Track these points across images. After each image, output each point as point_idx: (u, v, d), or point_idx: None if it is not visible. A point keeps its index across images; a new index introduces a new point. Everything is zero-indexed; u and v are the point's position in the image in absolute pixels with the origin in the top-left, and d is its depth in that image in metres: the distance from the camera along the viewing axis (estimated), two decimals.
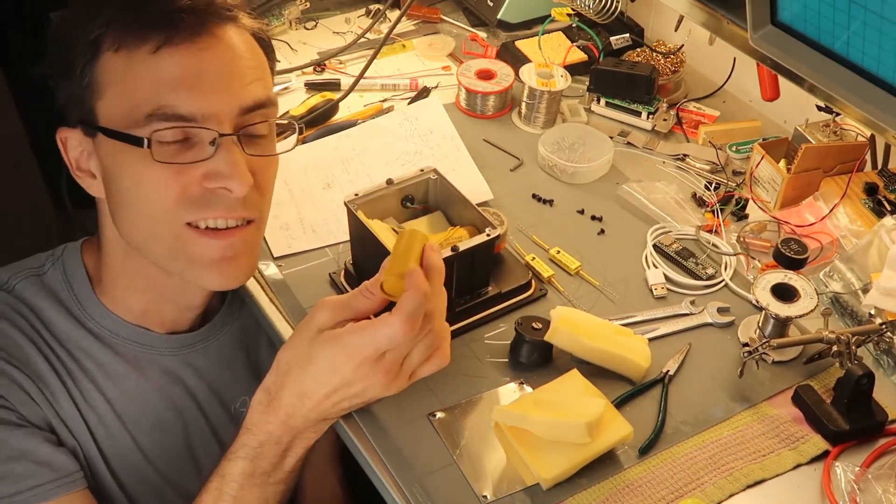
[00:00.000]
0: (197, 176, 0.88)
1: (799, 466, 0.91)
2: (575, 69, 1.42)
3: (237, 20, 0.91)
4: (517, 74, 1.38)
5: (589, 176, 1.28)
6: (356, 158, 1.29)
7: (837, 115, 1.20)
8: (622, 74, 1.36)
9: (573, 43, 1.49)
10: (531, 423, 0.88)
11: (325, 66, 1.50)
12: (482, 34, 1.59)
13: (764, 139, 1.27)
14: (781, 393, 0.98)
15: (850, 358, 0.95)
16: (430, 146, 1.31)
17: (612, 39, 1.50)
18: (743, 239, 1.17)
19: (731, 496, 0.88)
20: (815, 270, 1.10)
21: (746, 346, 0.98)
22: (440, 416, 0.95)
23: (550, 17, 1.40)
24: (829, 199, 1.16)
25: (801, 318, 0.98)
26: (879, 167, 1.22)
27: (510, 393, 0.98)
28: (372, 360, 0.81)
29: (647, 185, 1.26)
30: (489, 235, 1.00)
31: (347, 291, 1.01)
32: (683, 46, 1.45)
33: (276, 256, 1.13)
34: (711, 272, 1.13)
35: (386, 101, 1.43)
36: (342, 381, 0.83)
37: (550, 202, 1.24)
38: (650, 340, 1.02)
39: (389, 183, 1.08)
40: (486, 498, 0.87)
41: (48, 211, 1.87)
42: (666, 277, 1.12)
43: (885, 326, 0.98)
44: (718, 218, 1.20)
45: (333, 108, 1.39)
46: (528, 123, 1.38)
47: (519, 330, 0.99)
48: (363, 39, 1.53)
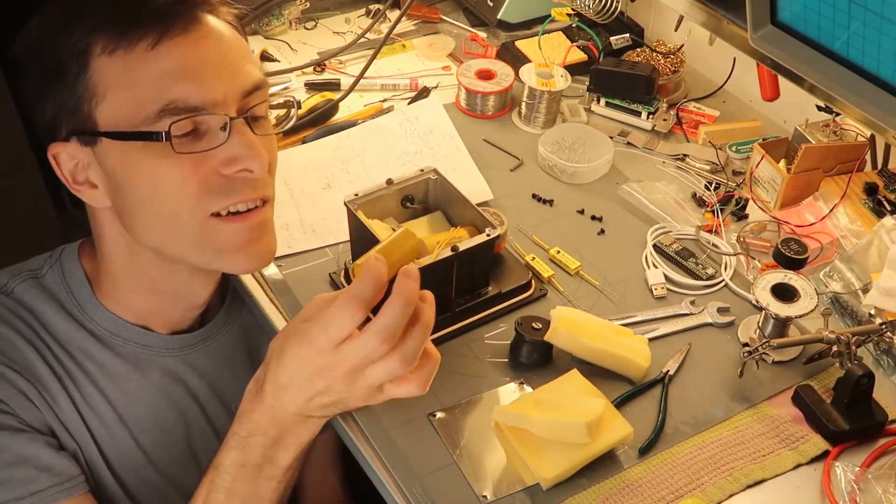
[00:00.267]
0: (213, 165, 0.88)
1: (799, 466, 0.91)
2: (575, 69, 1.42)
3: (219, 10, 0.92)
4: (517, 74, 1.38)
5: (589, 176, 1.28)
6: (356, 158, 1.29)
7: (837, 115, 1.20)
8: (622, 74, 1.36)
9: (573, 43, 1.49)
10: (531, 423, 0.88)
11: (325, 66, 1.50)
12: (482, 34, 1.59)
13: (764, 139, 1.27)
14: (781, 393, 0.98)
15: (850, 358, 0.95)
16: (430, 146, 1.31)
17: (612, 39, 1.50)
18: (743, 239, 1.17)
19: (731, 496, 0.88)
20: (815, 270, 1.10)
21: (746, 346, 0.98)
22: (440, 416, 0.95)
23: (550, 17, 1.40)
24: (829, 199, 1.16)
25: (801, 318, 0.98)
26: (879, 167, 1.22)
27: (510, 393, 0.98)
28: (328, 350, 0.79)
29: (647, 185, 1.26)
30: (489, 235, 1.00)
31: None
32: (683, 46, 1.45)
33: (276, 256, 1.13)
34: (711, 272, 1.13)
35: (386, 101, 1.43)
36: (307, 374, 0.81)
37: (550, 202, 1.24)
38: (650, 340, 1.02)
39: (389, 183, 1.08)
40: (486, 498, 0.88)
41: (48, 211, 1.87)
42: (666, 277, 1.12)
43: (885, 326, 0.98)
44: (718, 218, 1.20)
45: (333, 108, 1.39)
46: (528, 123, 1.38)
47: (519, 330, 0.99)
48: (363, 39, 1.53)
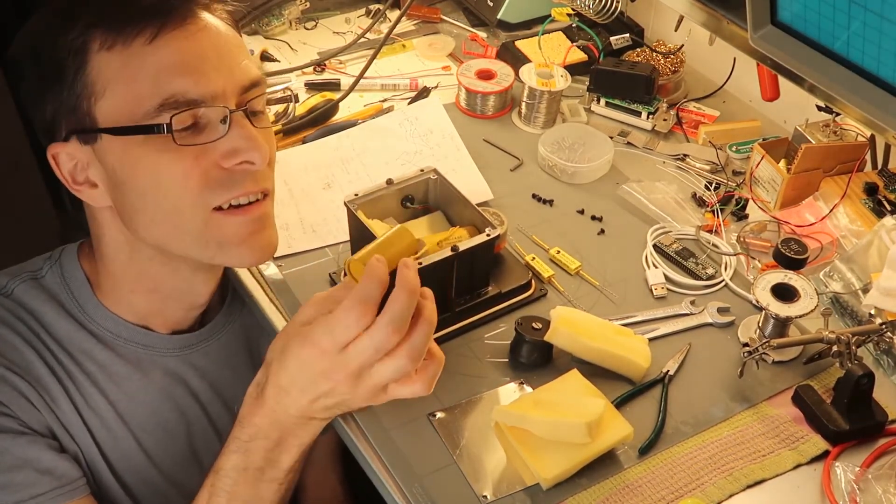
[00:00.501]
0: (214, 159, 0.88)
1: (799, 466, 0.91)
2: (575, 69, 1.42)
3: (211, 6, 0.92)
4: (517, 74, 1.38)
5: (589, 176, 1.28)
6: (356, 158, 1.29)
7: (837, 115, 1.20)
8: (622, 74, 1.36)
9: (573, 43, 1.49)
10: (531, 423, 0.88)
11: (325, 66, 1.50)
12: (482, 34, 1.59)
13: (764, 139, 1.27)
14: (781, 393, 0.98)
15: (850, 358, 0.95)
16: (430, 146, 1.31)
17: (612, 39, 1.50)
18: (743, 239, 1.17)
19: (731, 496, 0.88)
20: (815, 270, 1.10)
21: (746, 346, 0.98)
22: (440, 416, 0.95)
23: (550, 17, 1.40)
24: (829, 199, 1.16)
25: (801, 318, 0.98)
26: (879, 167, 1.22)
27: (510, 393, 0.98)
28: (332, 353, 0.80)
29: (647, 185, 1.26)
30: (489, 235, 1.00)
31: None
32: (683, 46, 1.45)
33: (276, 256, 1.13)
34: (711, 272, 1.13)
35: (386, 101, 1.43)
36: (310, 377, 0.82)
37: (550, 202, 1.24)
38: (650, 340, 1.02)
39: (389, 183, 1.08)
40: (486, 498, 0.88)
41: (48, 211, 1.87)
42: (666, 277, 1.12)
43: (885, 326, 0.98)
44: (718, 218, 1.20)
45: (333, 108, 1.38)
46: (528, 123, 1.38)
47: (519, 330, 0.99)
48: (363, 39, 1.53)
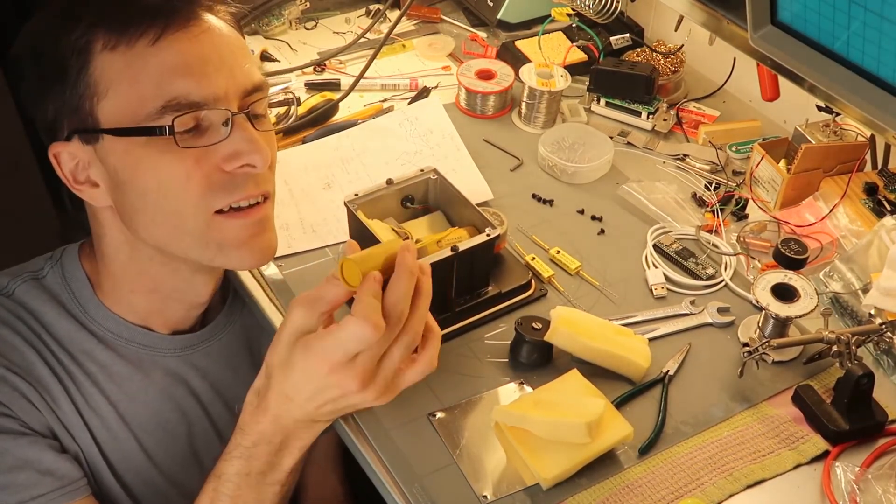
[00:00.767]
0: (216, 162, 0.88)
1: (799, 466, 0.91)
2: (575, 69, 1.42)
3: (219, 9, 0.92)
4: (517, 74, 1.38)
5: (589, 176, 1.28)
6: (356, 158, 1.29)
7: (837, 115, 1.20)
8: (622, 74, 1.36)
9: (573, 43, 1.49)
10: (531, 423, 0.88)
11: (325, 66, 1.50)
12: (482, 34, 1.59)
13: (764, 139, 1.27)
14: (781, 393, 0.98)
15: (850, 358, 0.95)
16: (430, 146, 1.31)
17: (612, 39, 1.50)
18: (743, 239, 1.17)
19: (731, 496, 0.88)
20: (815, 270, 1.10)
21: (746, 346, 0.98)
22: (440, 416, 0.95)
23: (550, 17, 1.40)
24: (829, 199, 1.16)
25: (801, 318, 0.98)
26: (879, 167, 1.22)
27: (510, 393, 0.98)
28: (343, 364, 0.81)
29: (647, 185, 1.26)
30: (489, 235, 1.00)
31: None
32: (683, 46, 1.45)
33: (276, 256, 1.13)
34: (711, 272, 1.13)
35: (386, 101, 1.43)
36: (318, 387, 0.82)
37: (550, 202, 1.24)
38: (650, 340, 1.02)
39: (389, 183, 1.08)
40: (486, 498, 0.87)
41: (48, 211, 1.87)
42: (666, 277, 1.12)
43: (885, 326, 0.98)
44: (718, 218, 1.20)
45: (333, 108, 1.38)
46: (528, 123, 1.38)
47: (519, 330, 0.99)
48: (363, 39, 1.53)
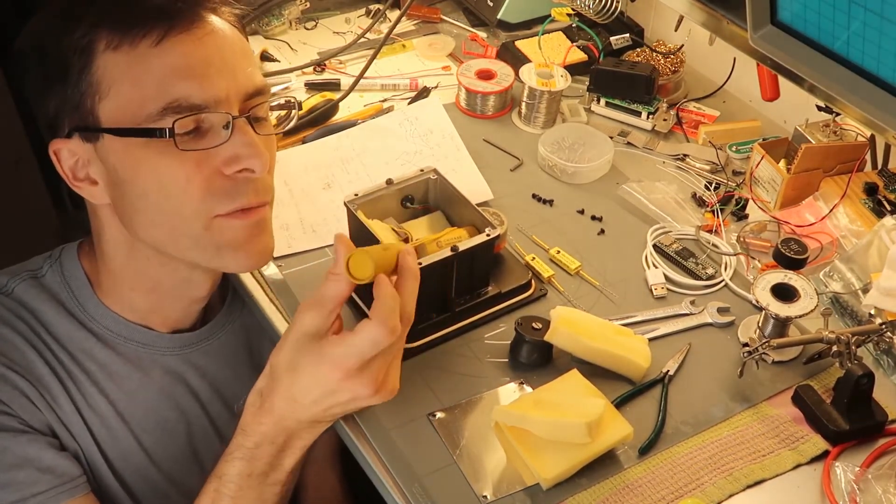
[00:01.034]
0: (217, 166, 0.88)
1: (799, 466, 0.91)
2: (575, 69, 1.42)
3: (223, 10, 0.92)
4: (517, 74, 1.38)
5: (589, 176, 1.28)
6: (356, 158, 1.29)
7: (837, 115, 1.20)
8: (622, 74, 1.36)
9: (573, 43, 1.49)
10: (531, 423, 0.88)
11: (325, 66, 1.50)
12: (482, 34, 1.59)
13: (764, 139, 1.27)
14: (781, 393, 0.98)
15: (850, 358, 0.95)
16: (430, 146, 1.31)
17: (612, 39, 1.50)
18: (743, 239, 1.17)
19: (731, 496, 0.88)
20: (815, 270, 1.10)
21: (746, 346, 0.98)
22: (440, 416, 0.95)
23: (550, 17, 1.40)
24: (829, 199, 1.16)
25: (801, 318, 0.98)
26: (879, 167, 1.22)
27: (510, 393, 0.98)
28: (356, 369, 0.82)
29: (647, 185, 1.26)
30: (489, 235, 1.00)
31: None
32: (683, 46, 1.45)
33: (276, 256, 1.13)
34: (711, 272, 1.13)
35: (386, 101, 1.43)
36: (328, 391, 0.83)
37: (550, 202, 1.24)
38: (650, 340, 1.02)
39: (389, 183, 1.08)
40: (486, 498, 0.87)
41: (48, 211, 1.87)
42: (666, 277, 1.12)
43: (885, 326, 0.98)
44: (718, 218, 1.20)
45: (333, 108, 1.38)
46: (528, 123, 1.38)
47: (519, 330, 0.99)
48: (363, 39, 1.53)
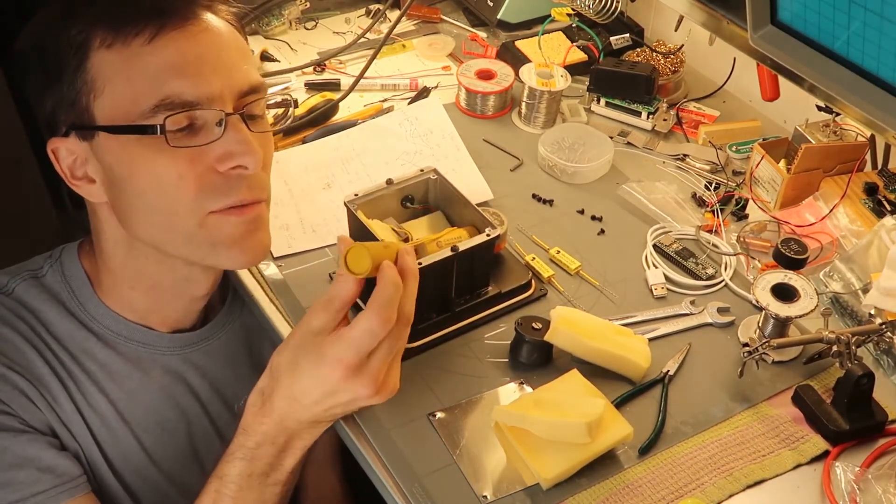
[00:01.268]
0: (210, 163, 0.88)
1: (799, 466, 0.91)
2: (575, 69, 1.42)
3: (219, 8, 0.92)
4: (517, 74, 1.38)
5: (589, 176, 1.28)
6: (356, 158, 1.29)
7: (837, 115, 1.20)
8: (622, 74, 1.36)
9: (573, 43, 1.49)
10: (531, 423, 0.88)
11: (325, 66, 1.50)
12: (482, 34, 1.59)
13: (764, 139, 1.27)
14: (781, 393, 0.98)
15: (850, 358, 0.95)
16: (430, 146, 1.31)
17: (612, 39, 1.50)
18: (743, 239, 1.17)
19: (731, 496, 0.88)
20: (815, 270, 1.10)
21: (746, 346, 0.98)
22: (440, 416, 0.95)
23: (550, 17, 1.40)
24: (829, 199, 1.16)
25: (801, 318, 0.98)
26: (879, 167, 1.22)
27: (510, 393, 0.98)
28: (357, 368, 0.82)
29: (647, 185, 1.26)
30: (489, 235, 1.00)
31: None
32: (683, 46, 1.45)
33: (276, 256, 1.13)
34: (711, 272, 1.13)
35: (386, 101, 1.43)
36: (328, 390, 0.83)
37: (550, 202, 1.24)
38: (650, 340, 1.02)
39: (389, 183, 1.08)
40: (486, 498, 0.87)
41: (48, 211, 1.87)
42: (666, 277, 1.12)
43: (885, 326, 0.98)
44: (718, 218, 1.20)
45: (333, 108, 1.38)
46: (528, 123, 1.38)
47: (519, 330, 0.99)
48: (363, 39, 1.53)
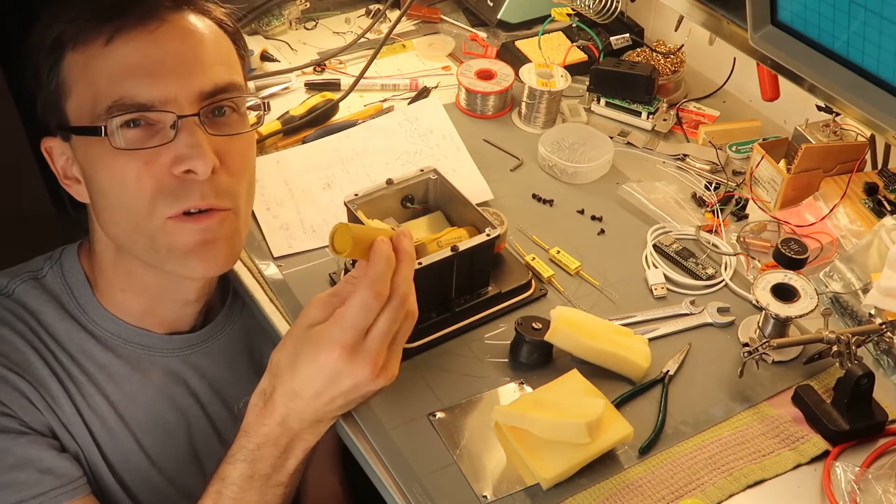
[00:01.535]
0: (166, 165, 0.87)
1: (799, 466, 0.91)
2: (575, 69, 1.42)
3: (196, 6, 0.91)
4: (517, 74, 1.38)
5: (589, 176, 1.28)
6: (356, 158, 1.29)
7: (837, 115, 1.20)
8: (622, 74, 1.36)
9: (573, 43, 1.49)
10: (531, 423, 0.88)
11: (325, 66, 1.50)
12: (482, 34, 1.59)
13: (764, 139, 1.27)
14: (781, 393, 0.98)
15: (850, 358, 0.95)
16: (430, 146, 1.31)
17: (612, 39, 1.50)
18: (743, 239, 1.17)
19: (731, 496, 0.88)
20: (815, 270, 1.10)
21: (746, 346, 0.98)
22: (440, 416, 0.95)
23: (550, 17, 1.40)
24: (829, 199, 1.16)
25: (801, 318, 0.98)
26: (879, 167, 1.22)
27: (510, 393, 0.98)
28: (353, 347, 0.81)
29: (647, 185, 1.26)
30: (489, 235, 1.00)
31: None
32: (683, 46, 1.45)
33: (276, 256, 1.13)
34: (711, 272, 1.13)
35: (386, 101, 1.43)
36: (329, 376, 0.82)
37: (550, 202, 1.24)
38: (650, 340, 1.02)
39: (389, 183, 1.08)
40: (486, 498, 0.87)
41: (48, 211, 1.86)
42: (666, 277, 1.12)
43: (885, 326, 0.98)
44: (718, 218, 1.20)
45: (333, 108, 1.38)
46: (528, 123, 1.38)
47: (519, 330, 0.99)
48: (363, 39, 1.53)
